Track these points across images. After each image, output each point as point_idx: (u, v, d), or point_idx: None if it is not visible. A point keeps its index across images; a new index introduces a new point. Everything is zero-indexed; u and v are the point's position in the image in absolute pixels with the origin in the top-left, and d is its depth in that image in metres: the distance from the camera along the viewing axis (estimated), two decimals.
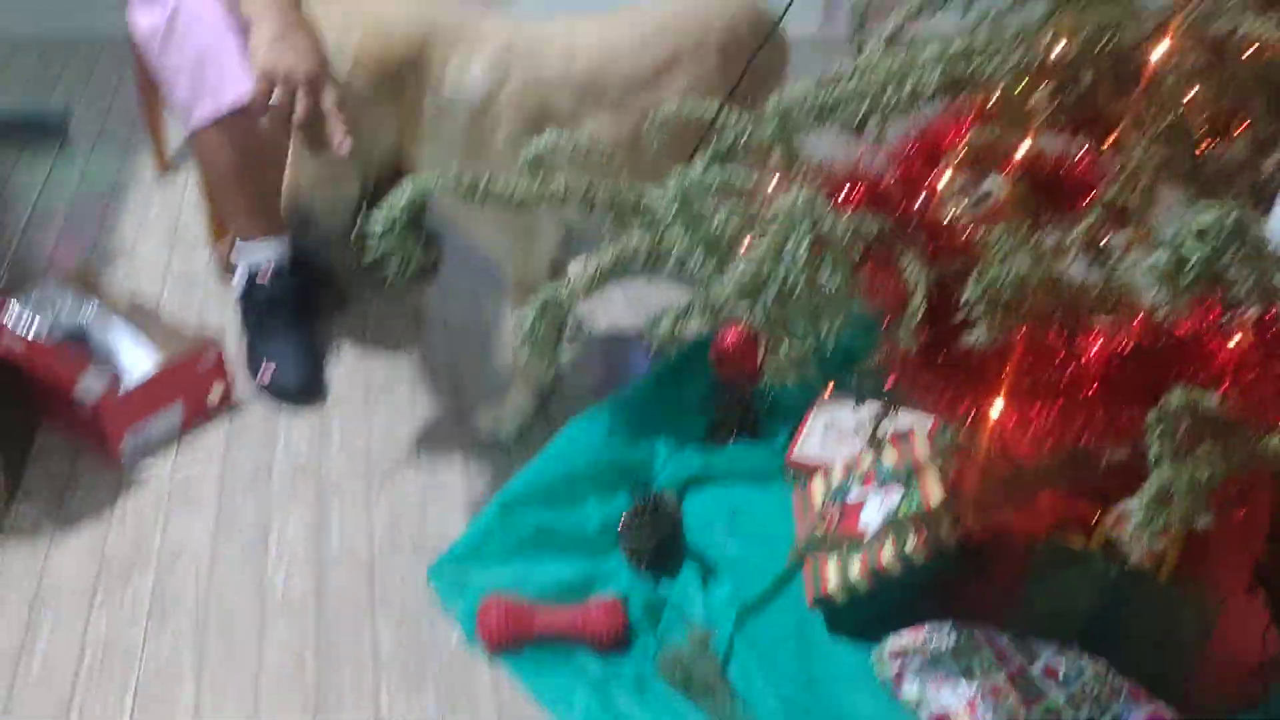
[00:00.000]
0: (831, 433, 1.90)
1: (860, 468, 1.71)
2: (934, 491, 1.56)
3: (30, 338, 1.69)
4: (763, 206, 0.94)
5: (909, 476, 1.62)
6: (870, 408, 1.91)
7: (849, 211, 0.89)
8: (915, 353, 0.94)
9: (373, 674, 1.51)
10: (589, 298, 1.07)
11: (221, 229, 2.34)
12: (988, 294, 0.83)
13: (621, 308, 2.27)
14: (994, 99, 1.03)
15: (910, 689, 1.49)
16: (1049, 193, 1.15)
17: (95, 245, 2.40)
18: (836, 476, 1.72)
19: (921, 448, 1.67)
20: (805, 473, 1.80)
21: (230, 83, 1.88)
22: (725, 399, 1.94)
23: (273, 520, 1.75)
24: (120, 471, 1.82)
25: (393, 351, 2.15)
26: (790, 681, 1.51)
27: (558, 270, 1.96)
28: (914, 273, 0.90)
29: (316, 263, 2.24)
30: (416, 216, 1.03)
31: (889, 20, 1.18)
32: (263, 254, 2.07)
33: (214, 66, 1.89)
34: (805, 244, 0.82)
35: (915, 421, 1.77)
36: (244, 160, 1.96)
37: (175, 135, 2.76)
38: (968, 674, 1.46)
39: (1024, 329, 0.88)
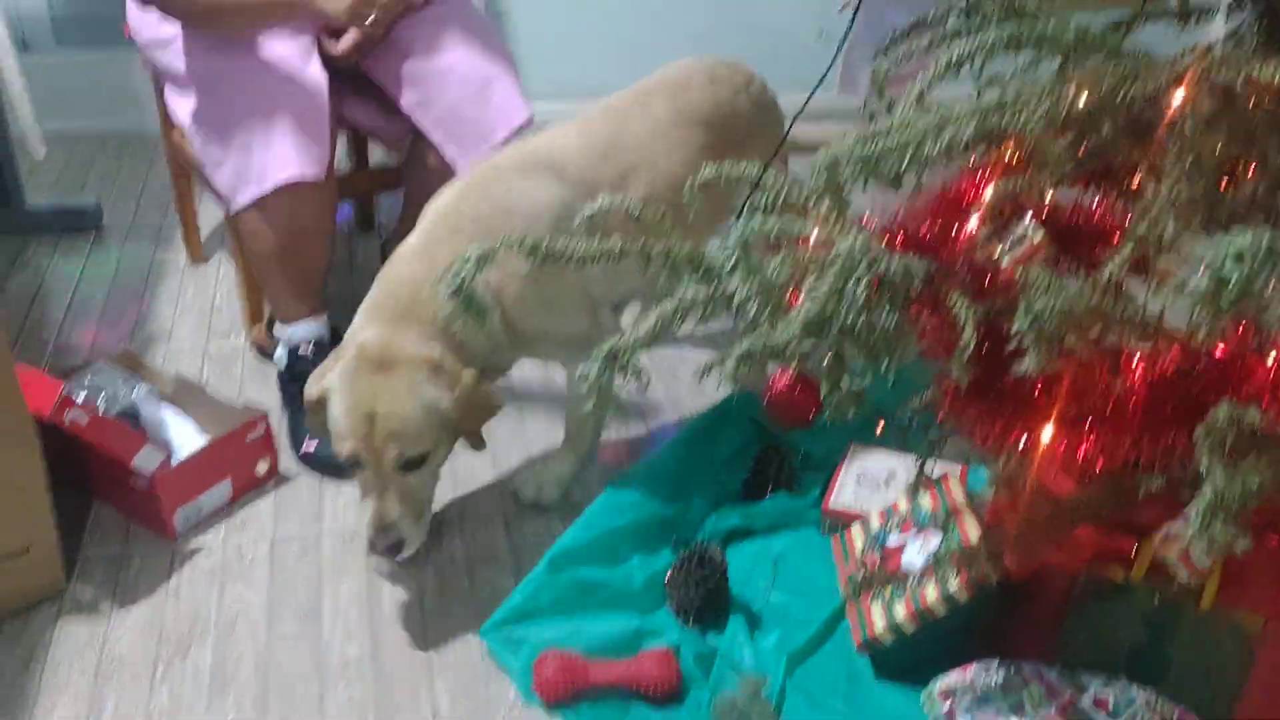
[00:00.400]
0: (864, 483, 1.95)
1: (898, 514, 1.75)
2: (973, 532, 1.60)
3: (89, 416, 1.74)
4: (815, 250, 1.01)
5: (947, 519, 1.67)
6: (901, 458, 1.98)
7: (898, 254, 0.96)
8: (966, 387, 1.00)
9: None
10: (649, 348, 1.13)
11: (257, 313, 2.41)
12: (1035, 324, 0.89)
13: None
14: (1022, 149, 1.10)
15: None
16: (1071, 239, 1.22)
17: (134, 331, 2.47)
18: (874, 523, 1.77)
19: (957, 491, 1.72)
20: (842, 522, 1.85)
21: (277, 164, 1.96)
22: (760, 454, 1.99)
23: (324, 587, 1.79)
24: (173, 546, 1.86)
25: None
26: None
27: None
28: (962, 310, 0.96)
29: None
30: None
31: (910, 85, 1.26)
32: (304, 333, 2.13)
33: (261, 147, 1.98)
34: (864, 283, 0.89)
35: (949, 468, 1.82)
36: (286, 241, 2.04)
37: (207, 224, 2.86)
38: (1018, 709, 1.49)
39: (1069, 358, 0.94)
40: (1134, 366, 0.95)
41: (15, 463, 1.62)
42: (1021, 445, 1.01)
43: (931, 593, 1.58)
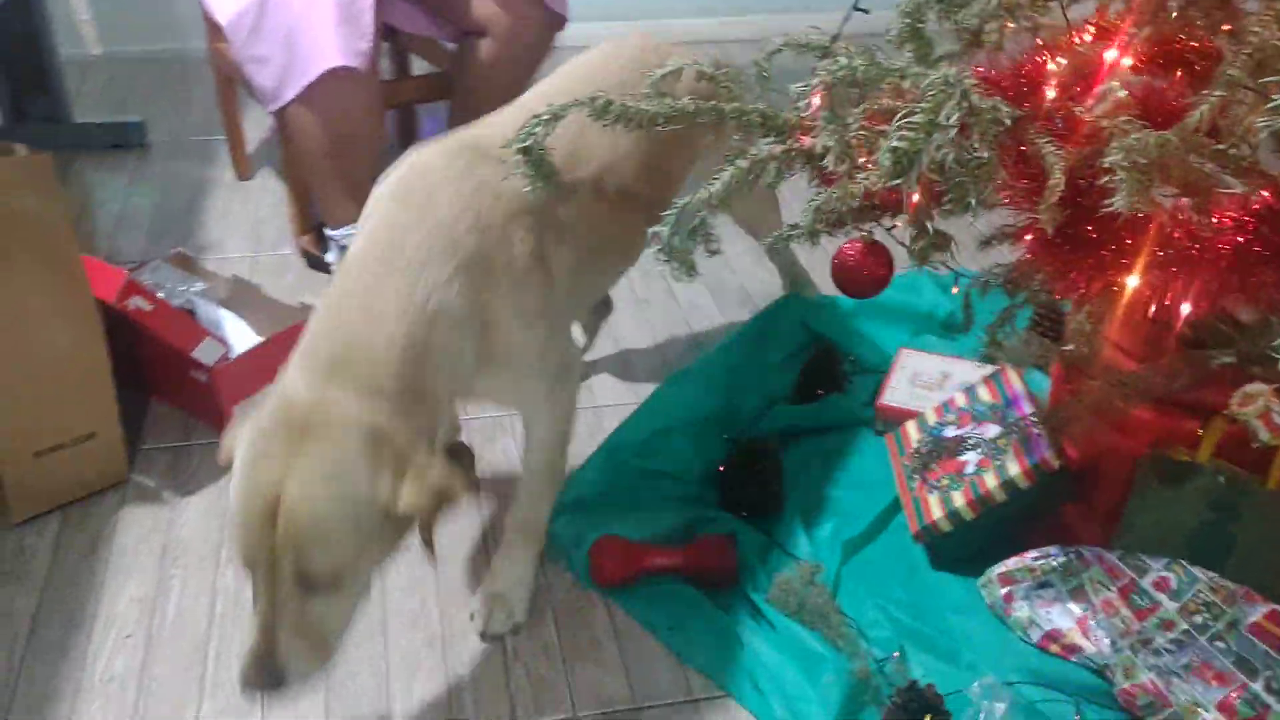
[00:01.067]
0: (918, 384, 1.95)
1: (955, 408, 1.75)
2: (1033, 420, 1.60)
3: (153, 304, 1.76)
4: (899, 98, 1.00)
5: (1006, 408, 1.66)
6: (954, 362, 1.97)
7: (989, 94, 0.95)
8: (1053, 234, 0.99)
9: None
10: (721, 208, 1.13)
11: (305, 222, 2.42)
12: (1128, 157, 0.88)
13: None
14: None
15: (1021, 610, 1.52)
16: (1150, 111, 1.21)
17: (184, 242, 2.48)
18: (931, 418, 1.76)
19: (1016, 383, 1.71)
20: (895, 419, 1.85)
21: (320, 53, 1.95)
22: (811, 357, 1.99)
23: None
24: None
25: None
26: (901, 607, 1.55)
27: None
28: (1051, 154, 0.95)
29: None
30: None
31: None
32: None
33: (305, 38, 1.97)
34: (957, 115, 0.88)
35: (1005, 366, 1.81)
36: (335, 136, 2.03)
37: (252, 141, 2.86)
38: (1077, 593, 1.49)
39: (1159, 199, 0.93)
40: (1225, 205, 0.94)
41: (81, 347, 1.64)
42: (1106, 293, 1.00)
43: (991, 480, 1.58)
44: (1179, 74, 1.22)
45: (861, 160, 1.03)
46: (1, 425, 1.61)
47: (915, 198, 0.90)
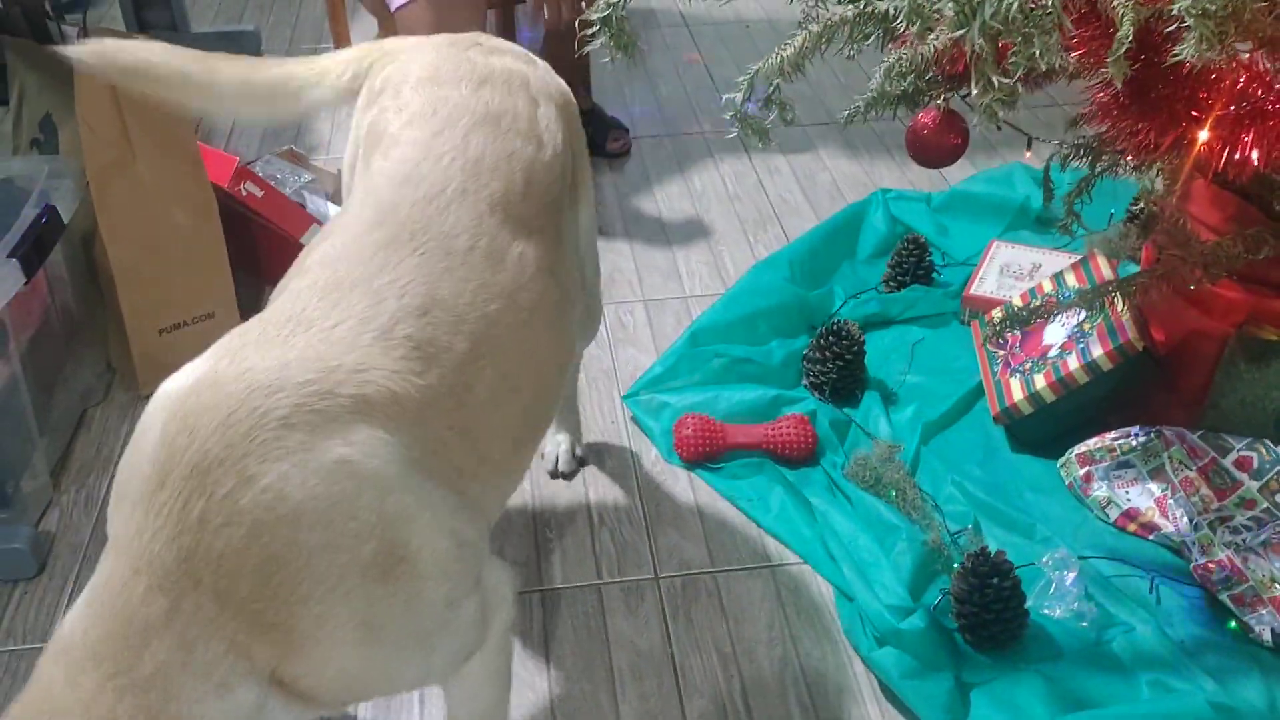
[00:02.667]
0: (1008, 274, 1.94)
1: (1042, 294, 1.74)
2: (1120, 302, 1.59)
3: (264, 190, 1.86)
4: None
5: (1094, 293, 1.65)
6: (1047, 253, 1.95)
7: None
8: (1124, 90, 0.99)
9: (581, 482, 1.64)
10: (794, 72, 1.15)
11: None
12: (1198, 4, 0.87)
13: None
14: None
15: (1099, 490, 1.53)
16: None
17: (296, 142, 2.59)
18: (1017, 304, 1.76)
19: (1105, 269, 1.70)
20: (981, 309, 1.85)
21: None
22: (900, 247, 2.00)
23: None
24: None
25: None
26: (978, 485, 1.57)
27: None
28: (1120, 3, 0.95)
29: None
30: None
31: None
32: None
33: None
34: None
35: (1097, 252, 1.79)
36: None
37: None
38: (1157, 472, 1.50)
39: (1231, 51, 0.92)
40: None
41: (199, 230, 1.75)
42: (1179, 149, 0.99)
43: (1074, 362, 1.58)
44: None
45: (933, 19, 1.04)
46: (129, 302, 1.73)
47: (978, 47, 0.91)
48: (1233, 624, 1.36)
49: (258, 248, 2.00)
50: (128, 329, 1.74)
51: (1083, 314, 1.62)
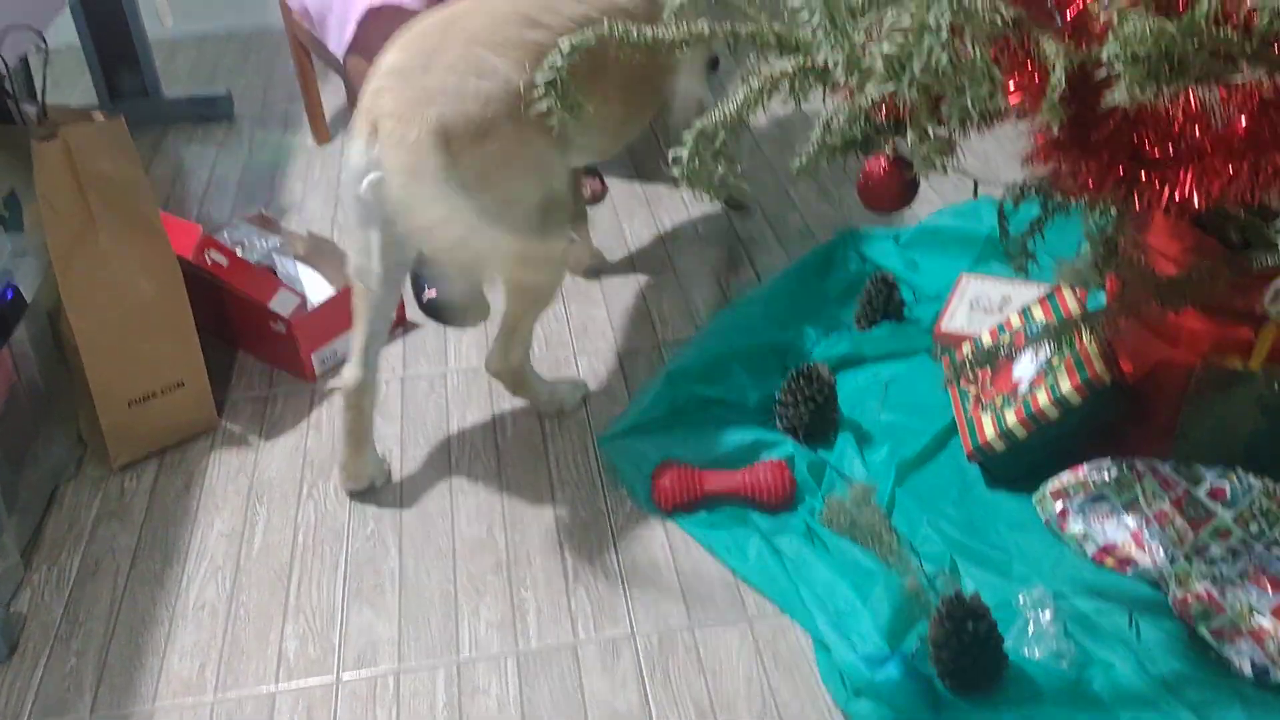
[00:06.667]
0: (977, 308, 1.94)
1: (1010, 329, 1.74)
2: (1086, 336, 1.58)
3: (229, 258, 1.86)
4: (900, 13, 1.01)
5: (1061, 329, 1.65)
6: (1015, 285, 1.95)
7: None
8: (1061, 136, 0.99)
9: (556, 536, 1.63)
10: (740, 126, 1.16)
11: None
12: (1126, 48, 0.88)
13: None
14: None
15: (1075, 525, 1.52)
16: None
17: (268, 204, 2.60)
18: (986, 341, 1.76)
19: (1072, 303, 1.69)
20: (953, 344, 1.84)
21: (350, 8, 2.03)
22: (869, 286, 2.00)
23: (451, 418, 1.89)
24: (313, 386, 1.99)
25: None
26: (954, 524, 1.56)
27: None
28: (1052, 50, 0.95)
29: None
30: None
31: None
32: None
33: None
34: (947, 16, 0.89)
35: (1062, 286, 1.79)
36: None
37: (330, 108, 2.96)
38: (1131, 505, 1.49)
39: (1164, 90, 0.92)
40: (1234, 92, 0.93)
41: (165, 300, 1.75)
42: (1123, 190, 0.99)
43: (1043, 397, 1.57)
44: None
45: (869, 71, 1.04)
46: (97, 376, 1.73)
47: (911, 103, 0.91)
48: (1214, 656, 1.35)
49: (225, 314, 2.00)
50: (96, 402, 1.74)
51: (1049, 350, 1.62)
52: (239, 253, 1.97)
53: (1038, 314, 1.72)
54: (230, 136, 2.99)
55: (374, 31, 2.04)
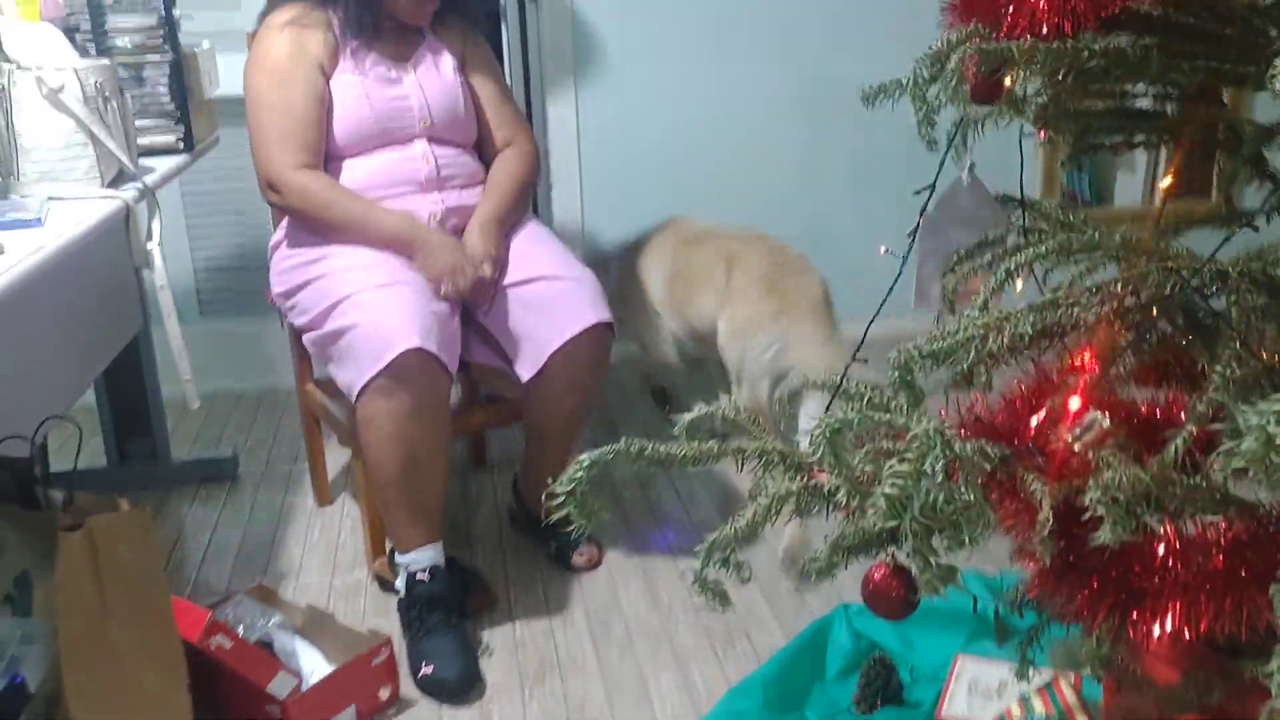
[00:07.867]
0: (976, 693, 1.94)
1: (1012, 718, 1.74)
2: None
3: (233, 642, 1.87)
4: (896, 440, 1.11)
5: None
6: (1013, 667, 1.97)
7: (971, 439, 1.05)
8: (1052, 564, 1.06)
9: None
10: (749, 542, 1.23)
11: (379, 546, 2.55)
12: (1107, 494, 0.96)
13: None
14: (1085, 348, 1.20)
15: None
16: (1139, 430, 1.29)
17: (266, 569, 2.63)
18: None
19: (1069, 693, 1.71)
20: None
21: (400, 336, 2.11)
22: (866, 668, 2.01)
23: None
24: None
25: (542, 644, 2.28)
26: None
27: None
28: (1038, 489, 1.04)
29: (467, 566, 2.43)
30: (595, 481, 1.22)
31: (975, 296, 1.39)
32: (422, 560, 2.25)
33: (372, 340, 2.12)
34: (942, 463, 0.98)
35: (1063, 675, 1.81)
36: (406, 463, 2.16)
37: (332, 469, 3.06)
38: None
39: (1147, 532, 1.00)
40: (1210, 532, 1.01)
41: (167, 691, 1.73)
42: (1114, 621, 1.05)
43: None
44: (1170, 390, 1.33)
45: (870, 495, 1.13)
46: None
47: (914, 532, 0.99)
48: None
49: (222, 695, 1.97)
50: None
51: None
52: (240, 631, 1.97)
53: (1038, 706, 1.73)
54: (233, 496, 3.06)
55: (402, 373, 2.12)
